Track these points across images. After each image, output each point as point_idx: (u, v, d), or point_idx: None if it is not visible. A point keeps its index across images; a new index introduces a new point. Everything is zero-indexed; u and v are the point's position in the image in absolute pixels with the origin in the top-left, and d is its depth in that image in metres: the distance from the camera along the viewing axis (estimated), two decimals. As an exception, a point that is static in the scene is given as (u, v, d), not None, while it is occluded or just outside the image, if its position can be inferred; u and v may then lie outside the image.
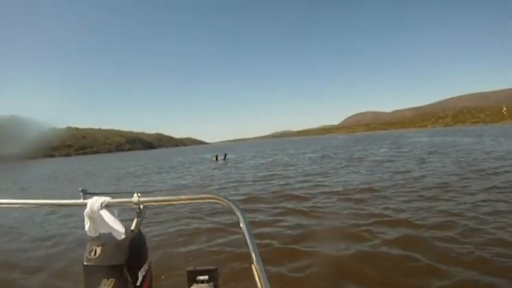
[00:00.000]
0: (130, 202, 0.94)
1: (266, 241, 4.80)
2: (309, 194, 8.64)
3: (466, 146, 22.41)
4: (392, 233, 4.84)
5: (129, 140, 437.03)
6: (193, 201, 0.95)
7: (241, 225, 0.83)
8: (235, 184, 11.72)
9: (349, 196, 7.91)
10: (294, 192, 8.98)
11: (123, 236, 0.91)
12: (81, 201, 0.96)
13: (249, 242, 0.79)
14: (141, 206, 0.97)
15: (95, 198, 0.94)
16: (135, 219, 0.99)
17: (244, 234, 0.80)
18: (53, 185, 18.11)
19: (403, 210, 6.19)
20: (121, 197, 0.96)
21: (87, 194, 0.98)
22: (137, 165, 32.97)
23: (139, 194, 0.93)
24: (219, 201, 0.89)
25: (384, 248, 4.30)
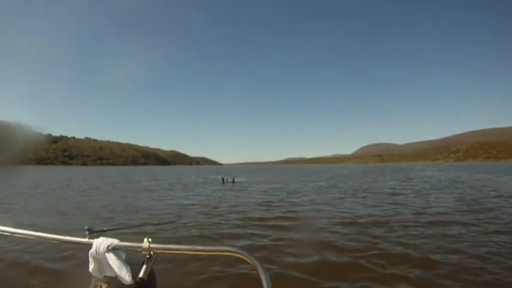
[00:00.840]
0: (140, 247, 0.89)
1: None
2: (311, 219, 9.19)
3: (472, 182, 22.29)
4: (387, 250, 5.41)
5: (145, 155, 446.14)
6: (211, 254, 0.89)
7: (264, 285, 0.76)
8: (240, 207, 12.23)
9: (351, 223, 8.49)
10: (298, 216, 9.56)
11: (129, 283, 0.87)
12: (86, 240, 0.93)
13: None
14: (152, 252, 0.92)
15: (102, 239, 0.90)
16: (144, 266, 0.92)
17: None
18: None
19: (399, 237, 6.87)
20: (130, 241, 0.92)
21: (93, 232, 0.94)
22: (150, 180, 34.21)
23: (150, 239, 0.89)
24: (241, 257, 0.82)
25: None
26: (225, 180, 28.43)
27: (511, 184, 20.04)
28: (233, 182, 28.41)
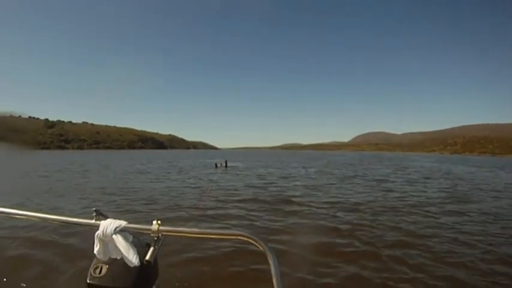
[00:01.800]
0: (149, 230, 0.88)
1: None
2: (301, 199, 9.62)
3: (463, 175, 22.74)
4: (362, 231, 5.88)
5: (142, 139, 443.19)
6: (221, 237, 0.89)
7: (272, 270, 0.76)
8: (231, 189, 12.61)
9: (338, 202, 8.98)
10: (288, 198, 9.89)
11: (135, 265, 0.86)
12: (93, 221, 0.91)
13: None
14: (160, 235, 0.90)
15: (109, 220, 0.89)
16: (151, 248, 0.91)
17: (273, 281, 0.75)
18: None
19: (382, 214, 7.27)
20: (138, 223, 0.90)
21: (100, 215, 0.93)
22: (147, 163, 34.55)
23: (159, 222, 0.88)
24: (250, 241, 0.82)
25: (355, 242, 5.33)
26: (218, 165, 28.68)
27: (499, 179, 20.44)
28: (226, 166, 28.66)
